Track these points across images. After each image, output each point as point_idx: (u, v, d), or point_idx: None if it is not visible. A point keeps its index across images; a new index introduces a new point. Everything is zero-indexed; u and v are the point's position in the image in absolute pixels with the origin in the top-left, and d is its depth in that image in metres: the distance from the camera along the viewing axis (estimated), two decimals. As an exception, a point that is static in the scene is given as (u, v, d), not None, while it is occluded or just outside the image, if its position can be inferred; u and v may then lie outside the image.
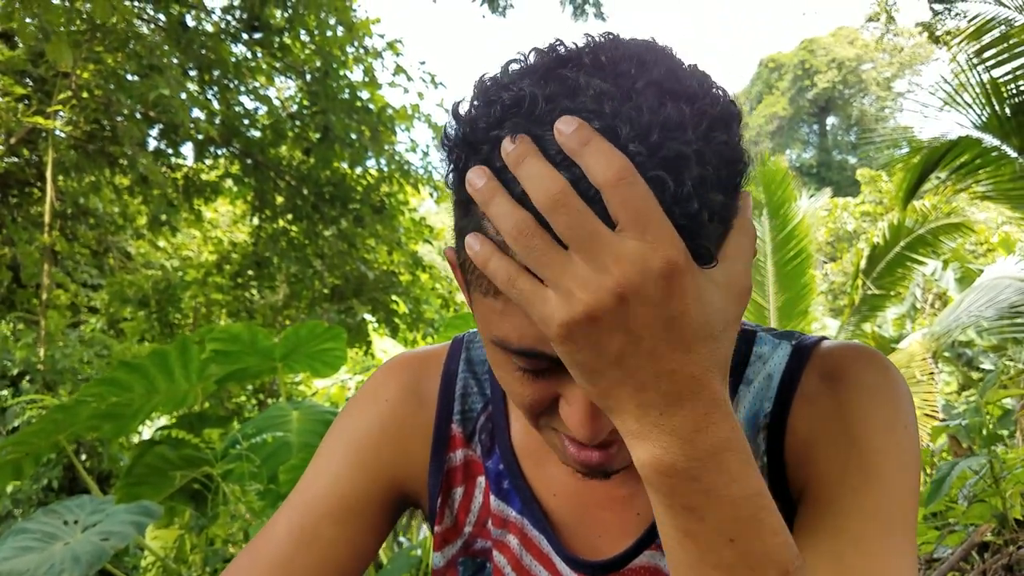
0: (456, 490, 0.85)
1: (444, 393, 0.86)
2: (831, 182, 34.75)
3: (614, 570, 0.77)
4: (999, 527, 2.22)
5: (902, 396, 0.71)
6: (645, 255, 0.49)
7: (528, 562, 0.82)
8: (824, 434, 0.70)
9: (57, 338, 7.46)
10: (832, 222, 19.40)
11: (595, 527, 0.79)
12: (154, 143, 8.28)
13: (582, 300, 0.49)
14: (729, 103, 0.56)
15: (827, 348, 0.76)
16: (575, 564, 0.78)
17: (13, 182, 8.43)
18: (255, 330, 3.36)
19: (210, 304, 9.50)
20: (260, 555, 0.80)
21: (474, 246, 0.54)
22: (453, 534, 0.86)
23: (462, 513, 0.85)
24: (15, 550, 2.32)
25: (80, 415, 2.93)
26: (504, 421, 0.84)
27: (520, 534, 0.82)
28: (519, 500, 0.82)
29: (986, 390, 3.29)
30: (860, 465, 0.68)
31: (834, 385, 0.72)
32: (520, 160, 0.51)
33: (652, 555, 0.76)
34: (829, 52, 42.38)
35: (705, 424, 0.52)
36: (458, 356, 0.88)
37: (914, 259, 9.23)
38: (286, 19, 7.82)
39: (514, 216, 0.51)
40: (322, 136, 7.97)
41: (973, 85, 5.23)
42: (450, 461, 0.85)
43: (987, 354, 10.88)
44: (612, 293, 0.49)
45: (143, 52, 6.96)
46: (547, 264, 0.50)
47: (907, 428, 0.70)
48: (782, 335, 0.79)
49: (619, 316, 0.50)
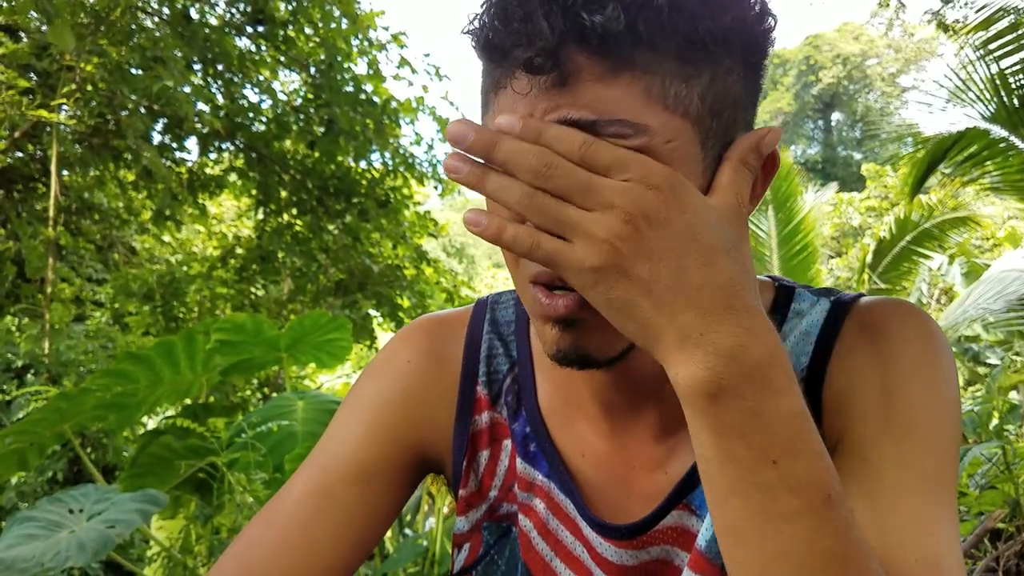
0: (482, 453, 0.84)
1: (468, 354, 0.85)
2: (836, 178, 34.66)
3: (641, 533, 0.75)
4: (1012, 514, 2.20)
5: (943, 351, 0.70)
6: (640, 181, 0.53)
7: (554, 526, 0.80)
8: (863, 385, 0.68)
9: (62, 332, 7.46)
10: (837, 217, 19.36)
11: (623, 488, 0.78)
12: (158, 137, 8.28)
13: (601, 238, 0.52)
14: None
15: (867, 303, 0.74)
16: (601, 528, 0.77)
17: (17, 177, 8.43)
18: (260, 320, 3.35)
19: (215, 298, 9.49)
20: (276, 519, 0.78)
21: (482, 221, 0.55)
22: (478, 498, 0.84)
23: (487, 477, 0.84)
24: (20, 538, 2.31)
25: (85, 405, 2.91)
26: (531, 382, 0.82)
27: (546, 497, 0.80)
28: (546, 463, 0.80)
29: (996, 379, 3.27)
30: (900, 416, 0.66)
31: (874, 337, 0.70)
32: (490, 147, 0.54)
33: (680, 515, 0.75)
34: (834, 48, 42.29)
35: (748, 339, 0.52)
36: (482, 318, 0.87)
37: (920, 254, 9.22)
38: (290, 12, 7.80)
39: (514, 186, 0.54)
40: (326, 130, 7.95)
41: (981, 77, 5.21)
42: (475, 424, 0.83)
43: (994, 349, 10.82)
44: (624, 222, 0.52)
45: (147, 45, 6.95)
46: (561, 219, 0.53)
47: (948, 383, 0.69)
48: (821, 292, 0.77)
49: (637, 242, 0.52)
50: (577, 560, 0.79)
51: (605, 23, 0.53)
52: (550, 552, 0.80)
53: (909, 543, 0.60)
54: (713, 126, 0.60)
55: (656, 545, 0.76)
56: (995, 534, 2.25)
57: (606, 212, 0.52)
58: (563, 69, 0.56)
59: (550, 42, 0.55)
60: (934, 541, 0.61)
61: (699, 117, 0.59)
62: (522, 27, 0.55)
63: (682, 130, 0.58)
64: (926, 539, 0.61)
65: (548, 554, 0.80)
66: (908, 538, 0.60)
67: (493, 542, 0.83)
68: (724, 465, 0.54)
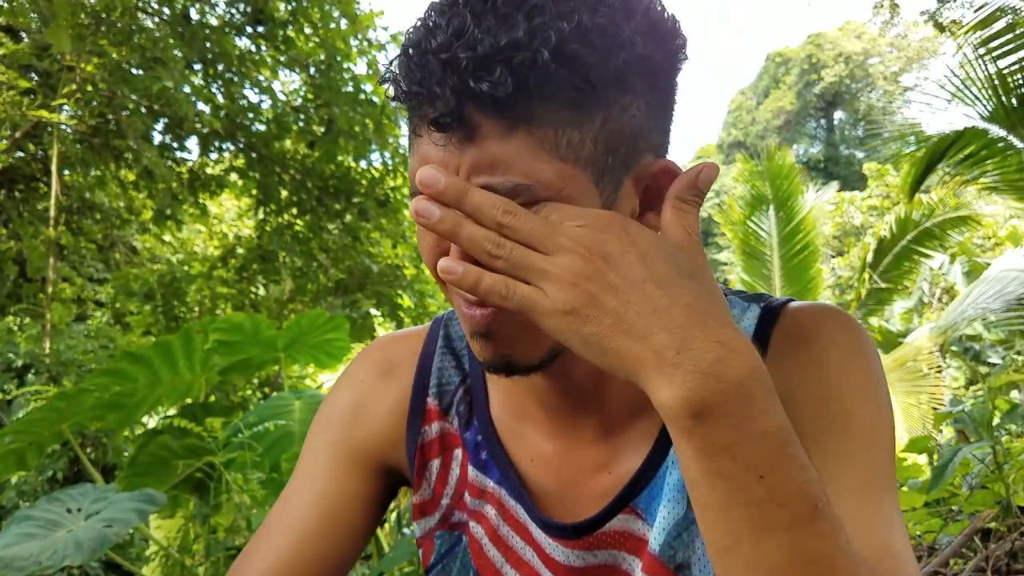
0: (432, 462, 0.87)
1: (420, 369, 0.89)
2: (838, 177, 34.65)
3: (588, 532, 0.77)
4: (1002, 514, 2.21)
5: (871, 352, 0.74)
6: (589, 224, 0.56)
7: (505, 532, 0.82)
8: (800, 390, 0.71)
9: (63, 331, 7.48)
10: (839, 216, 19.35)
11: (571, 490, 0.80)
12: (159, 137, 8.30)
13: (568, 280, 0.55)
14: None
15: (795, 308, 0.77)
16: (549, 527, 0.79)
17: (19, 177, 8.45)
18: (258, 320, 3.35)
19: (215, 298, 9.51)
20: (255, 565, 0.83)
21: (457, 270, 0.58)
22: (431, 507, 0.87)
23: (439, 485, 0.87)
24: (18, 537, 2.32)
25: (83, 404, 2.92)
26: (483, 394, 0.85)
27: (498, 504, 0.82)
28: (497, 470, 0.82)
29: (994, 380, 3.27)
30: (840, 419, 0.69)
31: (806, 343, 0.73)
32: (461, 195, 0.56)
33: (627, 518, 0.77)
34: (836, 46, 42.22)
35: (726, 354, 0.53)
36: (436, 333, 0.90)
37: (921, 253, 9.21)
38: (290, 12, 7.82)
39: (485, 235, 0.57)
40: (326, 129, 7.98)
41: (979, 76, 5.21)
42: (425, 434, 0.87)
43: (995, 348, 10.82)
44: (584, 258, 0.55)
45: (147, 45, 6.97)
46: (527, 265, 0.56)
47: (879, 382, 0.72)
48: (751, 298, 0.80)
49: (600, 274, 0.55)
50: (527, 564, 0.81)
51: (493, 89, 0.56)
52: (500, 558, 0.83)
53: (863, 534, 0.63)
54: (609, 162, 0.62)
55: (603, 549, 0.77)
56: (985, 534, 2.26)
57: (568, 254, 0.55)
58: (467, 126, 0.59)
59: (451, 105, 0.58)
60: (887, 530, 0.64)
61: (592, 158, 0.61)
62: (425, 90, 0.58)
63: (574, 175, 0.61)
64: (879, 529, 0.64)
65: (499, 560, 0.83)
66: (861, 529, 0.63)
67: (444, 551, 0.87)
68: (712, 484, 0.54)
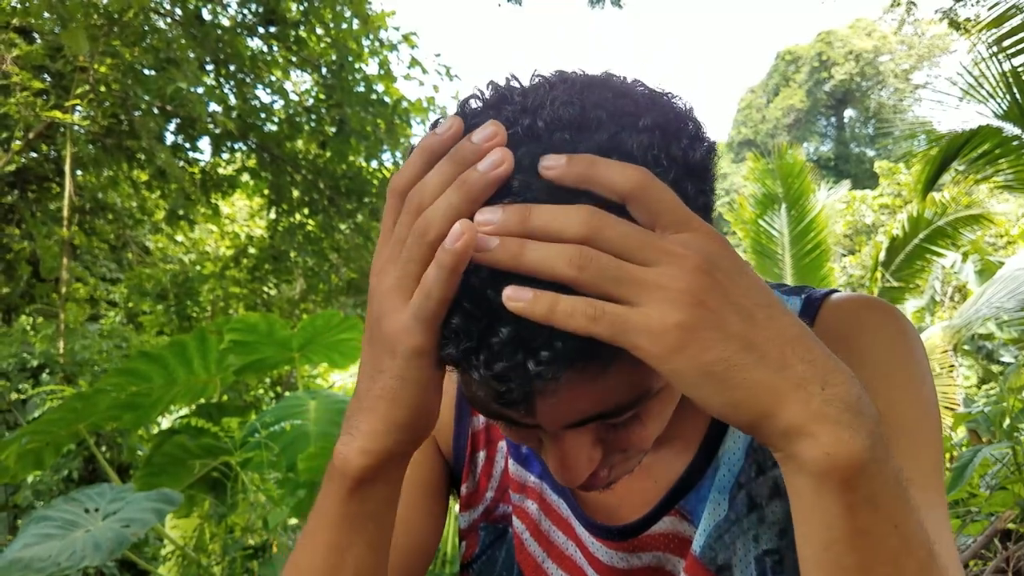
0: (479, 454, 0.86)
1: None
2: (849, 175, 34.51)
3: (634, 535, 0.76)
4: (1022, 515, 2.20)
5: (917, 346, 0.70)
6: (699, 235, 0.47)
7: (547, 527, 0.81)
8: None
9: (76, 331, 7.52)
10: (850, 215, 19.28)
11: (613, 493, 0.77)
12: (172, 138, 8.33)
13: (678, 291, 0.44)
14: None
15: (837, 300, 0.74)
16: (595, 529, 0.77)
17: (32, 177, 8.50)
18: (272, 320, 3.36)
19: (228, 298, 9.55)
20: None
21: (526, 296, 0.45)
22: (476, 499, 0.86)
23: (484, 478, 0.86)
24: (36, 537, 2.34)
25: (100, 404, 2.94)
26: None
27: (539, 499, 0.81)
28: (539, 464, 0.81)
29: (1008, 379, 3.25)
30: (886, 416, 0.66)
31: (847, 338, 0.69)
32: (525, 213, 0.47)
33: (672, 521, 0.75)
34: (846, 44, 42.07)
35: (860, 390, 0.46)
36: None
37: (933, 251, 9.16)
38: (302, 12, 7.84)
39: (565, 251, 0.45)
40: (338, 130, 8.00)
41: (993, 74, 5.18)
42: (474, 424, 0.86)
43: (1008, 347, 10.77)
44: (699, 271, 0.45)
45: (160, 46, 7.00)
46: (621, 277, 0.45)
47: (924, 380, 0.69)
48: (793, 290, 0.77)
49: (719, 290, 0.45)
50: (569, 559, 0.79)
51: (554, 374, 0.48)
52: (542, 553, 0.81)
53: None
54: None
55: (648, 551, 0.76)
56: (1005, 535, 2.25)
57: (678, 264, 0.45)
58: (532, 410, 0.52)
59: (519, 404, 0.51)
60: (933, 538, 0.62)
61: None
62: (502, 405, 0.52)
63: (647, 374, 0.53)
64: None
65: (540, 555, 0.81)
66: None
67: (489, 543, 0.86)
68: (855, 543, 0.47)
